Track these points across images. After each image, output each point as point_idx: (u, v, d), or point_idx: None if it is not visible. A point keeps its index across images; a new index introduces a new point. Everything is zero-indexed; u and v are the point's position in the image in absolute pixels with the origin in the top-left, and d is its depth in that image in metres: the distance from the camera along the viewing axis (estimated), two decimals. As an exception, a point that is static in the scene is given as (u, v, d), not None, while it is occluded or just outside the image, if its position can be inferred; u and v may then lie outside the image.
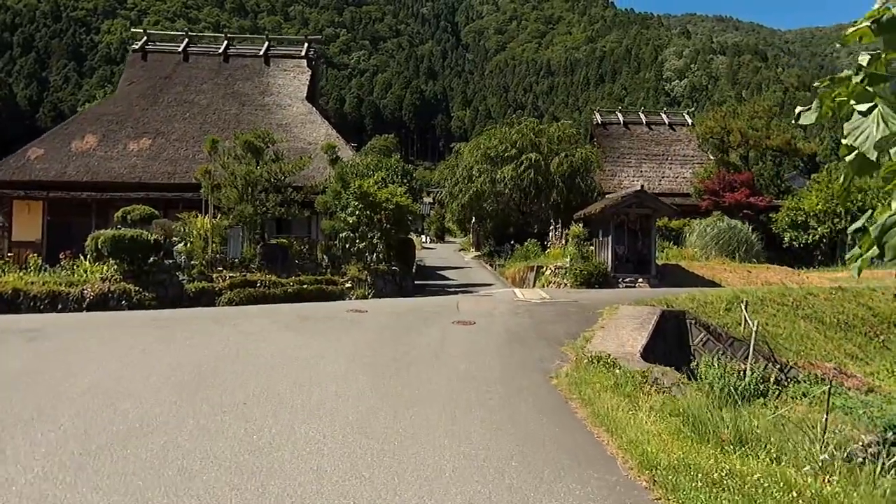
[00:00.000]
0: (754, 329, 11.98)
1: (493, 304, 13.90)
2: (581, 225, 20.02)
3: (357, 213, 18.09)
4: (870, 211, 3.71)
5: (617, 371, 7.48)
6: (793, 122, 4.61)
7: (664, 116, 44.78)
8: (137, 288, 15.98)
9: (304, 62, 29.01)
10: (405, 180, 21.86)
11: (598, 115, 43.90)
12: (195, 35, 31.04)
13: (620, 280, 19.17)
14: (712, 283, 19.70)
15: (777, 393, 11.88)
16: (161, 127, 25.50)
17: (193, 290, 16.41)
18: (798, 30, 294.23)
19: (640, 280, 19.23)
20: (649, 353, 9.52)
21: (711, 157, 41.38)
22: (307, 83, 27.99)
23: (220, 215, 18.94)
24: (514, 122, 36.41)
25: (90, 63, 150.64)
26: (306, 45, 30.28)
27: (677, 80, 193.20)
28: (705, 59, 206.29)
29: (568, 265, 19.69)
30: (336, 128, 27.00)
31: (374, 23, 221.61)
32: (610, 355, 8.34)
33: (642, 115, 44.50)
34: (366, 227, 18.33)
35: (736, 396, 11.15)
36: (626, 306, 12.74)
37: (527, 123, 36.29)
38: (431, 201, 65.39)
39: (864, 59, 3.22)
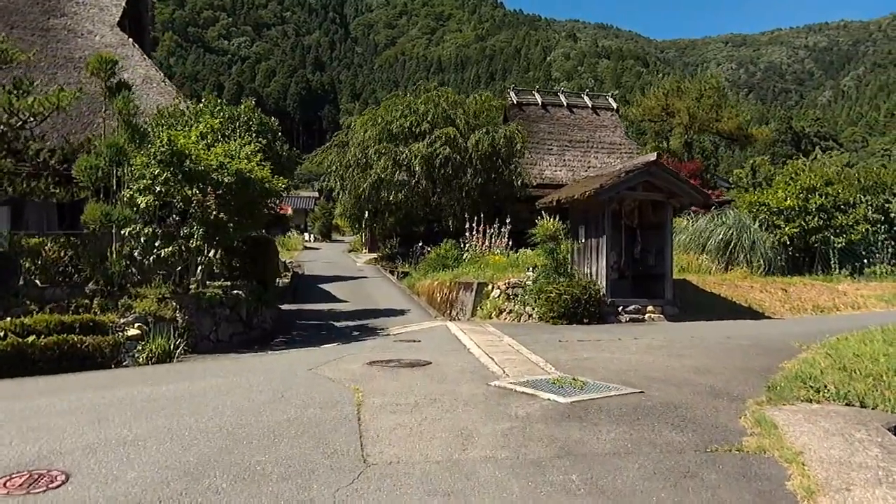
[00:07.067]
0: None
1: (452, 413, 5.50)
2: (554, 217, 12.17)
3: (162, 189, 9.50)
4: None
5: None
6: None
7: (587, 99, 38.76)
8: None
9: (121, -25, 19.59)
10: (262, 139, 12.91)
11: (513, 94, 37.29)
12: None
13: (621, 308, 11.70)
14: (751, 311, 12.75)
15: None
16: None
17: None
18: (672, 40, 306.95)
19: (651, 308, 11.76)
20: None
21: (642, 146, 35.98)
22: (122, 4, 18.66)
23: None
24: (423, 91, 28.54)
25: None
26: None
27: (566, 82, 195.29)
28: (591, 62, 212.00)
29: (531, 283, 12.05)
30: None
31: (258, 8, 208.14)
32: None
33: (562, 97, 38.22)
34: (179, 217, 9.79)
35: None
36: (781, 412, 5.24)
37: (439, 93, 28.54)
38: (317, 194, 56.79)
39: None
